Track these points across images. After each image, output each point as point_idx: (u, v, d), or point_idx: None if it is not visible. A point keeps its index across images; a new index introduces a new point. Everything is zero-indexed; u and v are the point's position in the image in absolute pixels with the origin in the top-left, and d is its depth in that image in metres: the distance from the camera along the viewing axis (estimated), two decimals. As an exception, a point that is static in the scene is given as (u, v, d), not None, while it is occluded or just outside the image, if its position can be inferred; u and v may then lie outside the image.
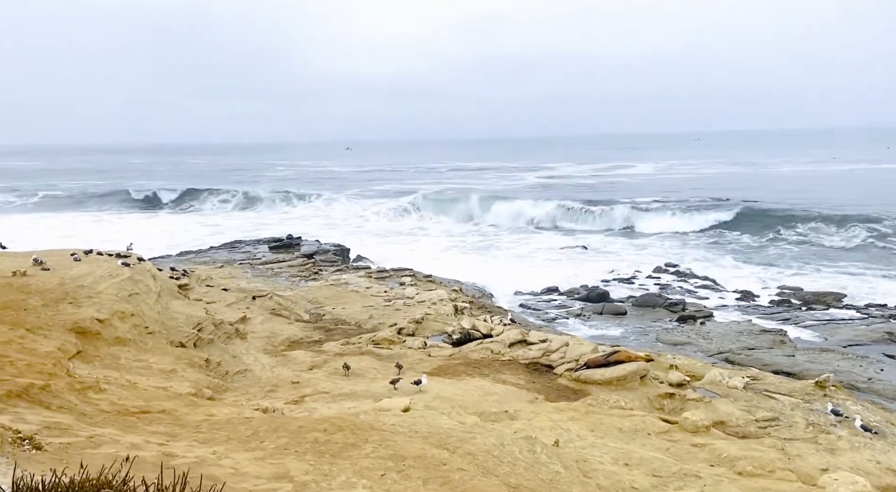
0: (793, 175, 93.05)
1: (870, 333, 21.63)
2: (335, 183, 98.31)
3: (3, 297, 13.55)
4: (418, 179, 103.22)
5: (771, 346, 20.64)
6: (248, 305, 21.37)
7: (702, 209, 55.10)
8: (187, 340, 15.63)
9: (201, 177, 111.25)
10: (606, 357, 13.16)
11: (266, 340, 18.23)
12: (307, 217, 64.24)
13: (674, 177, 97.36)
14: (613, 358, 13.09)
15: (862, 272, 35.40)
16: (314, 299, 24.55)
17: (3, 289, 14.07)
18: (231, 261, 36.89)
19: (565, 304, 29.16)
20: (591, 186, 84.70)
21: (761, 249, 43.11)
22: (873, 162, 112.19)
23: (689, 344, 21.79)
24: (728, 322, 24.53)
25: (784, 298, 28.18)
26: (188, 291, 20.90)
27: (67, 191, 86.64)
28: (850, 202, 56.51)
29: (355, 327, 20.21)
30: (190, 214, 69.83)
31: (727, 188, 73.85)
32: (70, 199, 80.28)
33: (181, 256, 40.19)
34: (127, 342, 14.01)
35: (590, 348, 14.38)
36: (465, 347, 15.90)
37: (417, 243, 49.36)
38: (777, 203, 57.82)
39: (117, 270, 16.69)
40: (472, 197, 66.09)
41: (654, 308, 27.02)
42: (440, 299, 23.23)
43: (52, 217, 64.48)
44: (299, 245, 42.12)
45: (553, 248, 46.14)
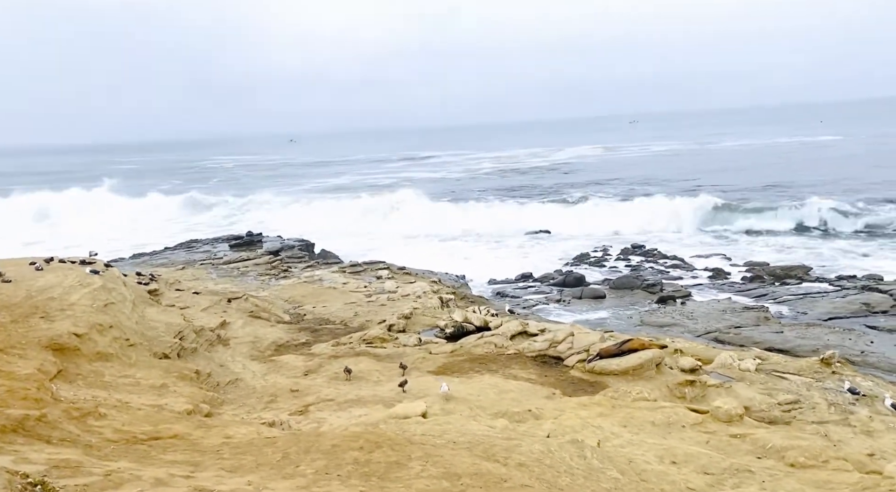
0: (746, 150, 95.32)
1: (847, 305, 22.05)
2: (279, 177, 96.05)
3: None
4: (368, 169, 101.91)
5: (757, 323, 20.81)
6: (224, 309, 20.33)
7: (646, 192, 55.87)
8: (170, 350, 14.62)
9: (140, 175, 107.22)
10: (619, 346, 12.84)
11: (251, 345, 17.31)
12: (250, 212, 62.09)
13: (623, 157, 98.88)
14: (627, 347, 12.78)
15: (814, 246, 36.42)
16: (291, 298, 23.60)
17: (-37, 306, 12.84)
18: (191, 262, 35.34)
19: (542, 290, 28.95)
20: (544, 170, 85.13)
21: (714, 227, 43.60)
22: (810, 135, 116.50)
23: (675, 325, 21.80)
24: (708, 301, 24.71)
25: (756, 274, 28.60)
26: (159, 297, 19.71)
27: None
28: (787, 179, 58.46)
29: (342, 326, 19.44)
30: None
31: (675, 169, 75.34)
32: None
33: (135, 259, 38.36)
34: (109, 357, 12.96)
35: (597, 337, 14.05)
36: (467, 342, 15.37)
37: (378, 235, 48.52)
38: (726, 185, 59.30)
39: (87, 278, 15.52)
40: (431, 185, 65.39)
41: (633, 290, 27.03)
42: (423, 292, 22.62)
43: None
44: (261, 242, 40.77)
45: (517, 233, 45.93)
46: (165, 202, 65.70)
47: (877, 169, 62.49)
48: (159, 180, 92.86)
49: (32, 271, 16.18)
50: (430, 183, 73.58)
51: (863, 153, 76.85)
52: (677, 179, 65.25)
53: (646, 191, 57.70)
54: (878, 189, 49.79)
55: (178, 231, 53.46)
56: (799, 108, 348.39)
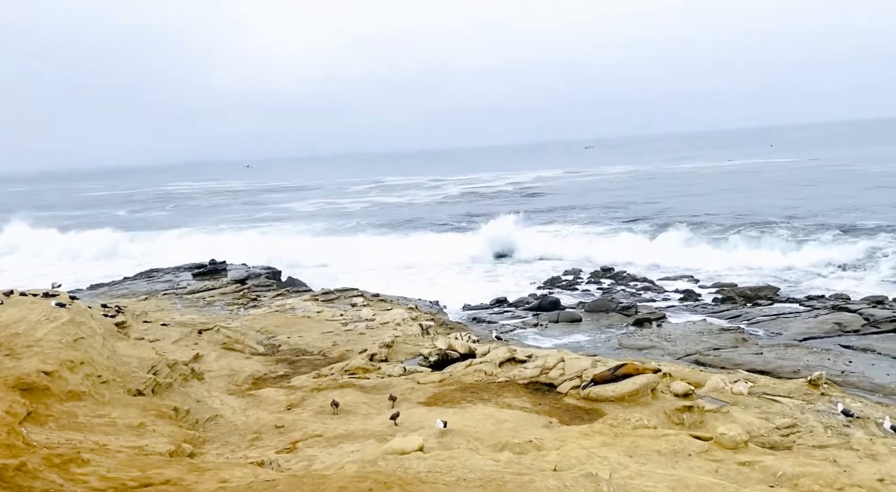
0: (706, 174, 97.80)
1: (821, 325, 22.43)
2: (239, 204, 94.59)
3: (-77, 354, 11.52)
4: (331, 195, 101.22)
5: (735, 344, 20.97)
6: (195, 341, 19.56)
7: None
8: (145, 386, 13.90)
9: (94, 203, 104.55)
10: (613, 371, 12.67)
11: (227, 378, 16.62)
12: (208, 240, 60.32)
13: (585, 181, 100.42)
14: (621, 372, 12.61)
15: (777, 266, 37.20)
16: (263, 329, 22.91)
17: (-80, 345, 11.99)
18: (153, 292, 34.18)
19: (518, 314, 28.78)
20: (509, 194, 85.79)
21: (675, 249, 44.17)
22: (763, 157, 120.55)
23: (654, 348, 21.82)
24: (684, 323, 24.87)
25: (727, 296, 28.98)
26: (127, 330, 18.85)
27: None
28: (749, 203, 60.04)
29: (321, 357, 18.88)
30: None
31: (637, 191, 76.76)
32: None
33: (94, 290, 36.92)
34: (81, 396, 12.20)
35: (588, 363, 13.87)
36: (456, 371, 15.02)
37: (345, 261, 47.73)
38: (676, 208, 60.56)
39: (54, 312, 14.71)
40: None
41: (608, 313, 27.07)
42: (403, 319, 22.21)
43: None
44: (226, 270, 39.73)
45: (485, 258, 45.87)
46: (115, 232, 63.60)
47: (824, 191, 64.67)
48: (114, 208, 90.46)
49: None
50: (395, 208, 73.33)
51: (813, 177, 79.53)
52: (639, 201, 66.39)
53: (610, 214, 58.58)
54: (827, 212, 51.46)
55: (134, 261, 51.62)
56: (750, 133, 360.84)
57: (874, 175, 76.95)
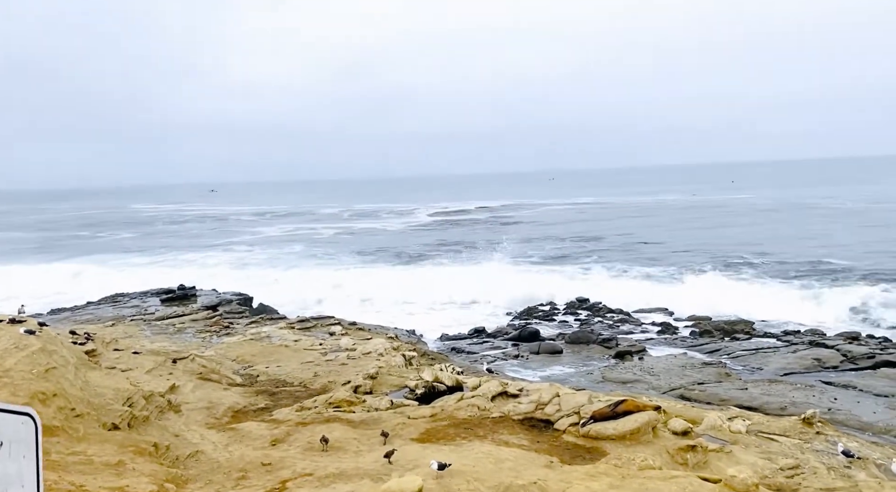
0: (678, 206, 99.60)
1: (800, 361, 22.59)
2: (204, 228, 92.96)
3: None
4: (300, 221, 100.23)
5: (718, 379, 20.94)
6: (170, 371, 18.74)
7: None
8: (121, 420, 13.12)
9: (59, 226, 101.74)
10: (613, 408, 12.39)
11: (205, 411, 15.87)
12: (175, 264, 59.06)
13: (553, 210, 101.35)
14: (621, 408, 12.34)
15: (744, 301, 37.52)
16: (239, 358, 22.13)
17: None
18: (120, 317, 32.98)
19: (498, 345, 28.46)
20: (485, 222, 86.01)
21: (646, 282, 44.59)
22: (725, 193, 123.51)
23: (637, 381, 21.67)
24: (665, 356, 24.82)
25: (704, 329, 29.12)
26: (98, 358, 18.01)
27: None
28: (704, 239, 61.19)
29: (302, 389, 18.21)
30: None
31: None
32: None
33: (55, 315, 35.47)
34: (55, 431, 11.44)
35: (585, 398, 13.57)
36: (447, 405, 14.56)
37: (314, 287, 46.87)
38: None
39: (23, 340, 13.85)
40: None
41: (589, 345, 26.94)
42: (385, 350, 21.67)
43: None
44: (195, 295, 38.65)
45: (460, 287, 45.55)
46: (78, 255, 61.80)
47: (783, 227, 66.26)
48: (76, 229, 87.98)
49: (-47, 331, 14.39)
50: (368, 235, 72.79)
51: (776, 213, 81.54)
52: (607, 233, 67.06)
53: (580, 245, 59.01)
54: (789, 247, 52.65)
55: (96, 284, 49.64)
56: (712, 168, 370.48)
57: (831, 212, 79.34)
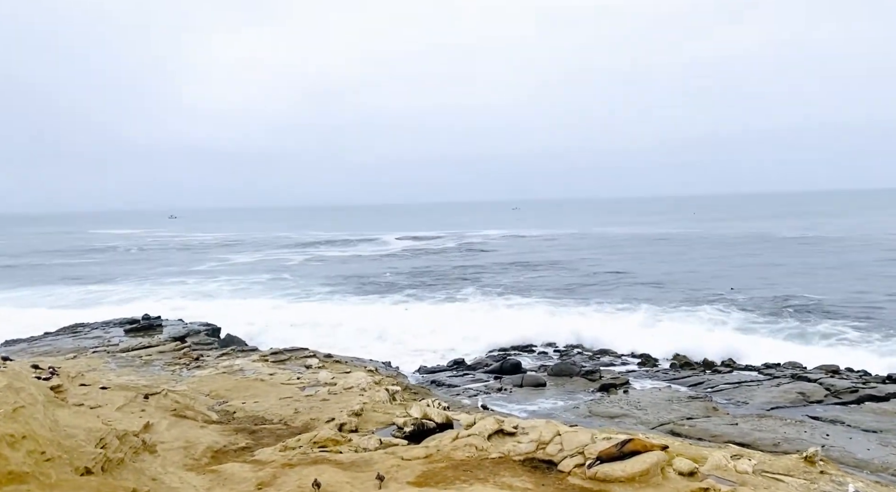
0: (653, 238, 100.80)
1: (784, 395, 22.52)
2: (166, 255, 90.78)
3: None
4: (266, 248, 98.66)
5: (706, 414, 20.70)
6: (142, 407, 17.68)
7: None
8: (94, 463, 12.07)
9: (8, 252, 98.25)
10: (620, 448, 11.93)
11: (182, 451, 14.91)
12: (137, 294, 57.10)
13: (523, 240, 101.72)
14: (628, 448, 11.88)
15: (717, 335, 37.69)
16: (213, 393, 21.10)
17: None
18: (81, 349, 31.42)
19: (479, 378, 27.86)
20: (455, 250, 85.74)
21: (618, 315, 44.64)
22: (685, 226, 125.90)
23: (625, 416, 21.29)
24: (650, 389, 24.55)
25: (684, 362, 29.03)
26: (64, 394, 16.87)
27: None
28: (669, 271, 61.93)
29: (283, 427, 17.33)
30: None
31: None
32: None
33: (10, 347, 33.61)
34: (24, 478, 10.40)
35: (588, 437, 13.09)
36: (442, 444, 13.91)
37: (281, 316, 45.71)
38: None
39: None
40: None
41: (572, 377, 26.55)
42: (367, 384, 20.92)
43: None
44: (161, 326, 37.22)
45: (437, 317, 44.92)
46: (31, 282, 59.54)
47: (745, 259, 67.49)
48: (28, 256, 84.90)
49: None
50: (338, 263, 71.75)
51: (743, 246, 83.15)
52: (580, 264, 67.37)
53: (551, 276, 59.05)
54: (751, 277, 53.56)
55: (52, 313, 47.47)
56: (672, 201, 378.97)
57: (790, 242, 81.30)
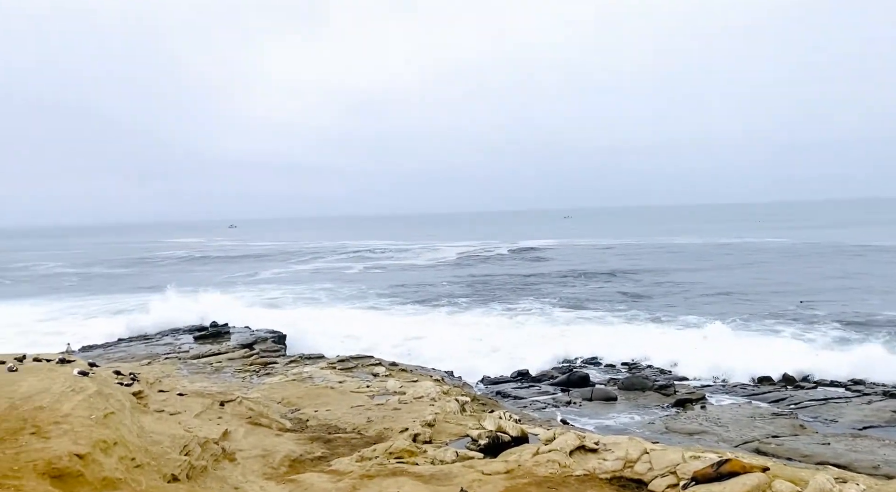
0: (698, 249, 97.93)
1: (878, 413, 21.20)
2: (231, 264, 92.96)
3: (-60, 432, 9.96)
4: (326, 257, 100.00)
5: (794, 432, 19.64)
6: (219, 414, 17.91)
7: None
8: (180, 470, 12.25)
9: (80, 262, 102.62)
10: (717, 468, 11.30)
11: (261, 460, 14.95)
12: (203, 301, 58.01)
13: (579, 248, 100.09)
14: (725, 469, 11.23)
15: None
16: (285, 400, 21.26)
17: (-65, 420, 10.43)
18: (154, 355, 32.36)
19: (546, 390, 27.28)
20: (509, 257, 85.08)
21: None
22: (750, 234, 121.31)
23: (705, 433, 20.41)
24: (729, 405, 23.52)
25: (763, 376, 27.74)
26: (145, 401, 17.22)
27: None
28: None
29: (357, 436, 17.24)
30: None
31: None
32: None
33: (86, 353, 34.80)
34: (117, 484, 10.57)
35: (678, 455, 12.48)
36: (522, 459, 13.52)
37: (347, 325, 45.97)
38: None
39: (78, 382, 13.14)
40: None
41: (644, 391, 25.70)
42: (436, 394, 20.68)
43: None
44: (229, 333, 38.00)
45: (498, 327, 44.47)
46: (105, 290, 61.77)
47: (821, 273, 64.39)
48: (98, 266, 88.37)
49: (6, 374, 13.68)
50: (398, 272, 72.13)
51: (811, 257, 79.75)
52: (640, 270, 65.78)
53: (612, 287, 57.78)
54: (836, 296, 50.91)
55: (123, 320, 48.89)
56: (736, 209, 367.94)
57: (863, 251, 77.40)
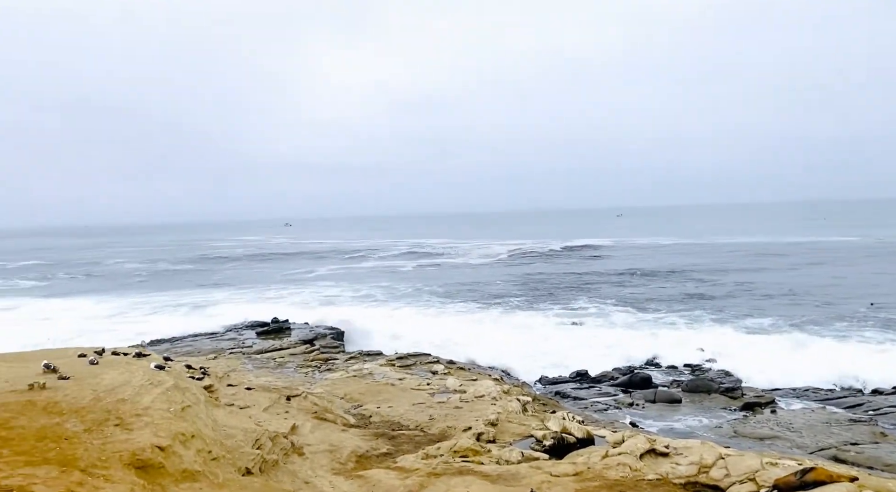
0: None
1: (968, 422, 20.07)
2: (285, 262, 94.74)
3: (32, 422, 10.36)
4: (379, 256, 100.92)
5: (874, 440, 18.75)
6: (286, 409, 18.24)
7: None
8: (253, 464, 12.51)
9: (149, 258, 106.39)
10: (800, 477, 10.84)
11: (328, 455, 15.14)
12: (261, 297, 59.46)
13: (636, 245, 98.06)
14: (810, 477, 10.77)
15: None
16: (347, 396, 21.53)
17: (27, 410, 10.84)
18: (219, 350, 33.26)
19: (607, 391, 26.82)
20: (562, 254, 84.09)
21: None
22: (815, 234, 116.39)
23: (777, 438, 19.69)
24: (800, 410, 22.63)
25: (838, 380, 26.60)
26: (216, 394, 17.69)
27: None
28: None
29: (420, 433, 17.29)
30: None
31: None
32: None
33: (155, 346, 36.00)
34: (196, 476, 10.85)
35: (757, 461, 12.05)
36: (591, 461, 13.30)
37: (402, 323, 46.17)
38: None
39: (155, 376, 13.55)
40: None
41: (709, 394, 24.99)
42: (497, 393, 20.58)
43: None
44: (290, 329, 38.75)
45: (550, 324, 43.97)
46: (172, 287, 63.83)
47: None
48: (164, 265, 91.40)
49: (88, 366, 14.22)
50: (450, 269, 72.26)
51: (882, 257, 76.12)
52: (700, 270, 64.00)
53: (676, 288, 56.41)
54: None
55: (190, 318, 50.42)
56: (798, 206, 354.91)
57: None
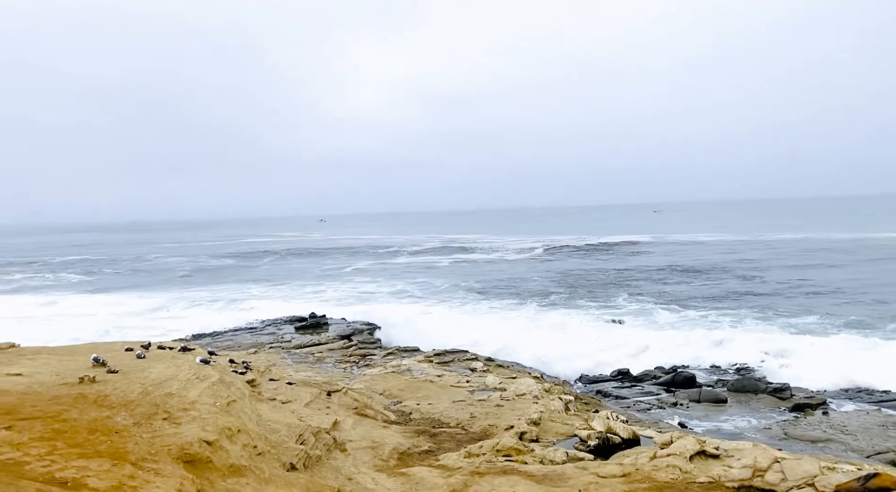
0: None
1: None
2: (323, 258, 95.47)
3: (84, 415, 10.46)
4: (414, 252, 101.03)
5: (936, 444, 17.98)
6: (327, 404, 18.27)
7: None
8: (297, 459, 12.51)
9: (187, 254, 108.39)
10: (863, 483, 10.38)
11: (370, 451, 15.10)
12: (300, 293, 60.48)
13: (674, 242, 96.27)
14: (874, 484, 10.30)
15: None
16: (387, 392, 21.51)
17: (78, 403, 10.97)
18: (259, 344, 33.64)
19: (649, 390, 26.29)
20: (599, 249, 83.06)
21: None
22: (864, 230, 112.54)
23: (830, 441, 19.03)
24: (854, 412, 21.85)
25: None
26: (258, 389, 17.85)
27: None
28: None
29: (461, 431, 17.15)
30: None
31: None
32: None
33: (197, 340, 36.65)
34: (243, 471, 10.88)
35: (815, 466, 11.58)
36: (639, 462, 12.98)
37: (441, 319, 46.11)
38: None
39: (201, 370, 13.65)
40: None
41: (756, 394, 24.30)
42: (539, 392, 20.31)
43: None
44: (327, 324, 39.02)
45: (590, 322, 43.43)
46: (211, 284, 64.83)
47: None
48: (202, 262, 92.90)
49: (135, 360, 14.43)
50: (486, 265, 71.99)
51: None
52: (743, 267, 62.53)
53: (720, 286, 55.21)
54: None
55: (228, 312, 50.99)
56: (843, 201, 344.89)
57: None
